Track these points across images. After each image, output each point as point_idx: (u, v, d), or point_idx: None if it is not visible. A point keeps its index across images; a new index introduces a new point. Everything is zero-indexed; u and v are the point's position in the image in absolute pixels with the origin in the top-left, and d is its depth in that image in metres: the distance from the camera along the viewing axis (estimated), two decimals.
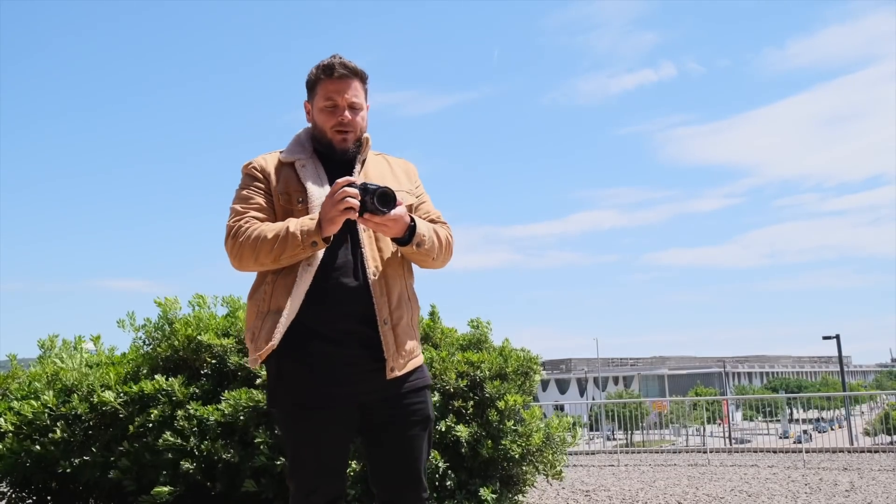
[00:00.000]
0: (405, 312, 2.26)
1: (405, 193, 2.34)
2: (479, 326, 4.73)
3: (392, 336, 2.20)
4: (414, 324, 2.32)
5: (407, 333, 2.25)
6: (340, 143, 2.29)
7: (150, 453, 3.97)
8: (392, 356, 2.19)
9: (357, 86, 2.29)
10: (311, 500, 2.23)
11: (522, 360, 4.52)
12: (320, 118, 2.30)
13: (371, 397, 2.22)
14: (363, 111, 2.33)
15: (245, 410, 3.91)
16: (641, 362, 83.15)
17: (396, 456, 2.26)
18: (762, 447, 12.93)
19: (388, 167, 2.42)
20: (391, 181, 2.34)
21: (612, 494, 6.81)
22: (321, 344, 2.18)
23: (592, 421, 22.23)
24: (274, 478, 3.90)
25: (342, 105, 2.27)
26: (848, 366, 63.70)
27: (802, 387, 65.83)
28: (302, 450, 2.23)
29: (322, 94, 2.28)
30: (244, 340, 4.33)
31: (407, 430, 2.26)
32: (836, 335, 28.00)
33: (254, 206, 2.26)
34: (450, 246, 2.36)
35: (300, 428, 2.22)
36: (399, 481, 2.27)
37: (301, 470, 2.23)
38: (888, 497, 6.35)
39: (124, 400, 4.13)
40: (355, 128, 2.30)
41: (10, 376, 4.95)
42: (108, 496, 4.26)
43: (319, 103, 2.29)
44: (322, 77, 2.28)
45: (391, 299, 2.23)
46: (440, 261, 2.33)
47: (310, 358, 2.18)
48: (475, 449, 4.17)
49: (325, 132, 2.30)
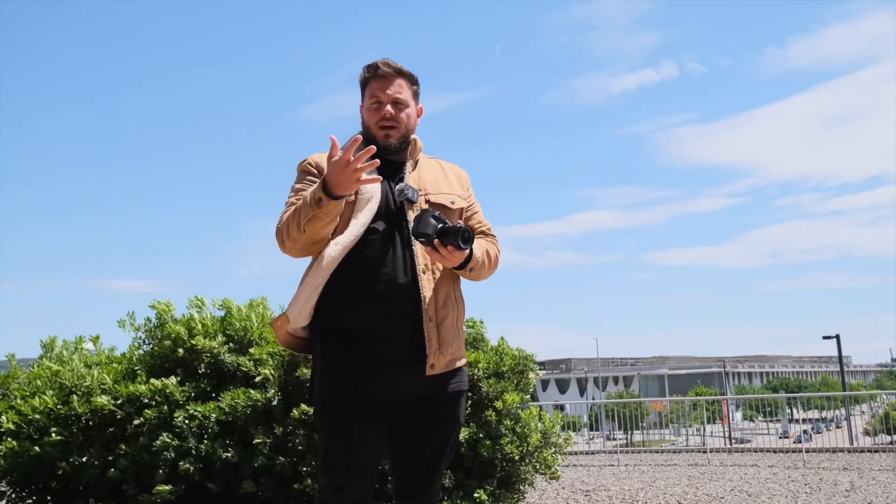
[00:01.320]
0: (451, 312, 2.29)
1: (457, 197, 2.40)
2: (473, 325, 4.73)
3: (436, 333, 2.24)
4: (459, 325, 2.35)
5: (451, 333, 2.28)
6: (384, 139, 2.32)
7: (149, 454, 3.97)
8: (434, 353, 2.22)
9: (402, 83, 2.34)
10: (338, 496, 2.25)
11: (518, 358, 4.52)
12: (367, 116, 2.36)
13: (409, 396, 2.25)
14: (409, 108, 2.36)
15: (244, 411, 3.91)
16: (641, 362, 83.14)
17: (420, 456, 2.30)
18: (762, 447, 12.92)
19: (442, 172, 2.45)
20: (444, 185, 2.40)
21: (612, 494, 6.81)
22: (367, 341, 2.21)
23: (592, 421, 22.25)
24: (273, 478, 3.90)
25: (385, 101, 2.31)
26: (848, 366, 63.72)
27: (802, 387, 65.83)
28: (335, 446, 2.25)
29: (368, 92, 2.35)
30: (237, 338, 4.37)
31: (436, 433, 2.30)
32: (836, 335, 27.98)
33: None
34: (496, 262, 2.42)
35: (336, 424, 2.23)
36: (418, 479, 2.31)
37: (332, 466, 2.26)
38: (888, 497, 6.35)
39: (121, 401, 4.13)
40: (399, 123, 2.33)
41: (10, 376, 4.95)
42: (107, 496, 4.26)
43: (366, 102, 2.36)
44: (368, 76, 2.34)
45: (438, 297, 2.26)
46: (484, 277, 2.39)
47: (354, 355, 2.21)
48: (474, 449, 4.17)
49: (370, 129, 2.34)
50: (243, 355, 4.19)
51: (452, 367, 2.30)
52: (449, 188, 2.40)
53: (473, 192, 2.52)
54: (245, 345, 4.29)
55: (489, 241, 2.45)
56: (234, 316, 4.39)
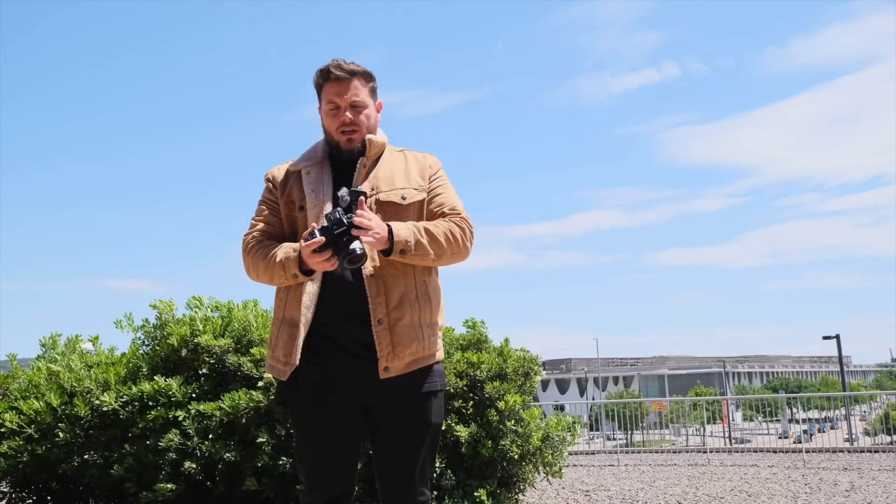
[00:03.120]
0: (407, 312, 2.23)
1: (412, 190, 2.31)
2: (475, 326, 4.71)
3: (388, 336, 2.19)
4: (422, 323, 2.26)
5: (408, 334, 2.21)
6: (346, 144, 2.32)
7: (152, 454, 3.97)
8: (387, 356, 2.18)
9: (357, 85, 2.31)
10: (314, 495, 2.28)
11: (522, 360, 4.52)
12: (326, 121, 2.35)
13: (372, 399, 2.24)
14: (367, 109, 2.33)
15: (245, 411, 3.91)
16: (641, 362, 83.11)
17: (392, 459, 2.29)
18: (762, 447, 12.92)
19: (404, 165, 2.39)
20: (400, 180, 2.33)
21: (612, 494, 6.81)
22: (325, 344, 2.22)
23: (592, 421, 22.22)
24: (275, 478, 3.90)
25: (343, 106, 2.30)
26: (848, 366, 63.65)
27: (802, 387, 65.81)
28: (303, 445, 2.29)
29: (325, 97, 2.34)
30: (243, 341, 4.38)
31: (407, 436, 2.27)
32: (836, 335, 27.98)
33: (262, 218, 2.37)
34: (456, 241, 2.25)
35: (303, 424, 2.28)
36: (394, 483, 2.31)
37: (302, 465, 2.32)
38: (888, 497, 6.35)
39: (124, 401, 4.13)
40: (360, 126, 2.31)
41: (10, 376, 4.95)
42: (108, 496, 4.26)
43: (324, 107, 2.35)
44: (322, 81, 2.33)
45: (389, 298, 2.21)
46: (446, 258, 2.26)
47: (315, 357, 2.22)
48: (475, 449, 4.17)
49: (332, 134, 2.34)
50: (244, 356, 4.20)
51: (416, 367, 2.24)
52: (405, 182, 2.32)
53: (442, 176, 2.40)
54: (245, 345, 4.29)
55: (449, 221, 2.28)
56: (235, 316, 4.40)
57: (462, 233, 2.28)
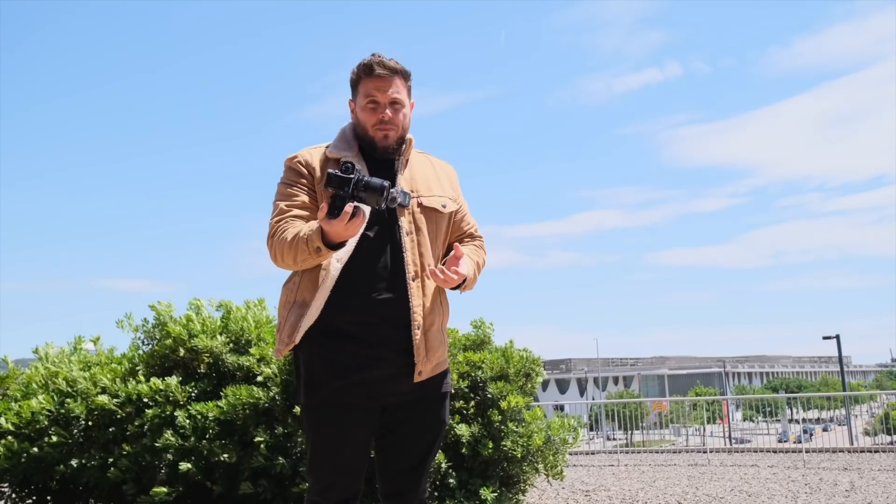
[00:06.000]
0: (437, 318, 2.30)
1: (448, 200, 2.38)
2: (480, 327, 4.71)
3: (424, 341, 2.24)
4: (444, 329, 2.35)
5: (437, 338, 2.29)
6: (382, 141, 2.30)
7: (150, 454, 3.97)
8: (422, 360, 2.23)
9: (398, 83, 2.31)
10: (326, 496, 2.26)
11: (524, 361, 4.52)
12: (363, 116, 2.31)
13: (396, 399, 2.26)
14: (405, 109, 2.33)
15: (245, 408, 3.91)
16: (641, 362, 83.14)
17: (406, 457, 2.32)
18: (762, 447, 12.92)
19: (433, 170, 2.43)
20: (435, 187, 2.37)
21: (612, 494, 6.81)
22: (355, 346, 2.21)
23: (592, 421, 22.22)
24: (273, 479, 3.90)
25: (383, 102, 2.28)
26: (848, 366, 63.72)
27: (802, 387, 65.84)
28: (323, 446, 2.26)
29: (363, 92, 2.30)
30: (239, 339, 4.38)
31: (421, 434, 2.32)
32: (836, 335, 27.98)
33: (297, 203, 2.26)
34: (481, 269, 2.43)
35: (324, 425, 2.24)
36: (404, 480, 2.33)
37: (320, 466, 2.27)
38: (888, 497, 6.35)
39: (121, 401, 4.13)
40: (397, 125, 2.31)
41: (9, 377, 4.96)
42: (107, 497, 4.26)
43: (361, 101, 2.31)
44: (363, 76, 2.30)
45: (426, 305, 2.26)
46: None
47: (341, 357, 2.20)
48: (476, 449, 4.17)
49: (367, 129, 2.31)
50: (243, 355, 4.19)
51: (438, 371, 2.31)
52: (440, 190, 2.38)
53: (461, 191, 2.50)
54: (243, 345, 4.29)
55: (476, 246, 2.45)
56: (233, 317, 4.39)
57: (485, 259, 2.46)
